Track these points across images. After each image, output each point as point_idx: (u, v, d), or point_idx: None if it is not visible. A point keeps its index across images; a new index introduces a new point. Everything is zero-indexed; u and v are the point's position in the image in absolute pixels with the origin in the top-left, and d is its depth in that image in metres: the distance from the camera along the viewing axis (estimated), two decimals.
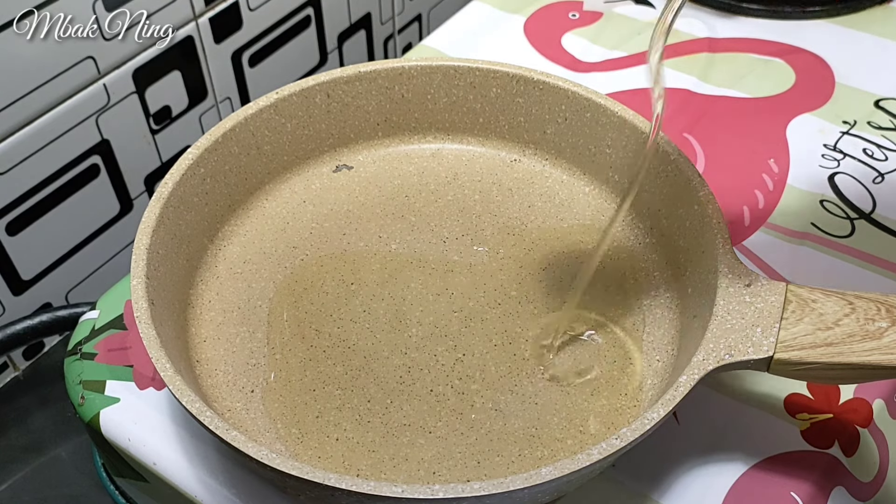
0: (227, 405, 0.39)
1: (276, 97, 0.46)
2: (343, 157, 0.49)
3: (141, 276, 0.38)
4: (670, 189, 0.43)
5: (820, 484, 0.40)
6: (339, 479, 0.32)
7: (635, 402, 0.39)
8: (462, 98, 0.49)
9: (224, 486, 0.40)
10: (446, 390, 0.39)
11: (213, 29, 0.62)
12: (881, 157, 0.54)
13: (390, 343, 0.41)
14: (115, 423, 0.43)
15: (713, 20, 0.64)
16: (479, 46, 0.62)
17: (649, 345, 0.41)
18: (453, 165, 0.49)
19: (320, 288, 0.43)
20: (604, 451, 0.33)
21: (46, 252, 0.60)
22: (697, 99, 0.58)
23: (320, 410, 0.39)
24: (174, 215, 0.42)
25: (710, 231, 0.40)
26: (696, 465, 0.40)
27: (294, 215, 0.47)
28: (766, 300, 0.37)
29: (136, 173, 0.63)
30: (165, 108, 0.62)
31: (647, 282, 0.43)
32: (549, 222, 0.46)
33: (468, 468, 0.37)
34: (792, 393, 0.42)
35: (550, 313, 0.43)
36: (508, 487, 0.32)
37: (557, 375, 0.40)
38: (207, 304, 0.43)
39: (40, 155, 0.55)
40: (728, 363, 0.35)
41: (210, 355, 0.41)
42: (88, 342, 0.46)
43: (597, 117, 0.46)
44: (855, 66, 0.59)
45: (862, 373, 0.35)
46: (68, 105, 0.56)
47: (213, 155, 0.44)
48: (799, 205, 0.51)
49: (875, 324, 0.35)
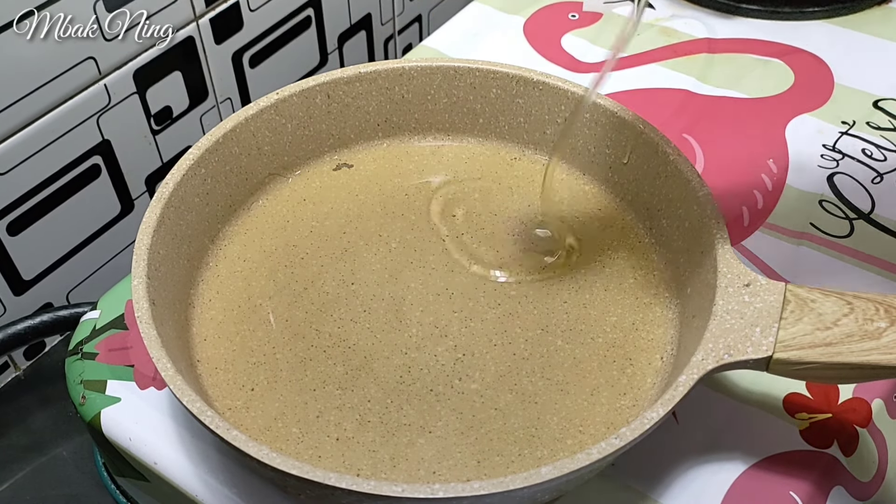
0: (227, 404, 0.39)
1: (277, 98, 0.46)
2: (343, 158, 0.49)
3: (142, 276, 0.38)
4: (669, 189, 0.43)
5: (819, 483, 0.40)
6: (340, 478, 0.32)
7: (634, 401, 0.39)
8: (462, 99, 0.49)
9: (225, 485, 0.40)
10: (446, 390, 0.40)
11: (213, 29, 0.62)
12: (880, 157, 0.54)
13: (390, 343, 0.41)
14: (116, 423, 0.43)
15: (712, 21, 0.64)
16: (479, 47, 0.62)
17: (648, 344, 0.41)
18: (453, 164, 0.49)
19: (320, 287, 0.44)
20: (603, 451, 0.33)
21: (47, 252, 0.60)
22: (697, 99, 0.58)
23: (321, 410, 0.39)
24: (175, 216, 0.42)
25: (709, 231, 0.40)
26: (696, 465, 0.40)
27: (294, 214, 0.47)
28: (765, 300, 0.37)
29: (137, 173, 0.63)
30: (166, 109, 0.62)
31: (646, 281, 0.43)
32: (549, 221, 0.46)
33: (468, 468, 0.37)
34: (791, 392, 0.42)
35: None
36: (508, 487, 0.32)
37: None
38: (208, 303, 0.43)
39: (41, 155, 0.56)
40: (727, 363, 0.36)
41: (210, 354, 0.41)
42: (89, 342, 0.46)
43: (596, 118, 0.46)
44: (854, 67, 0.59)
45: (861, 372, 0.36)
46: (69, 105, 0.56)
47: (213, 155, 0.44)
48: (798, 205, 0.51)
49: (874, 324, 0.35)
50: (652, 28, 0.63)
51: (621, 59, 0.61)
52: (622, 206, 0.46)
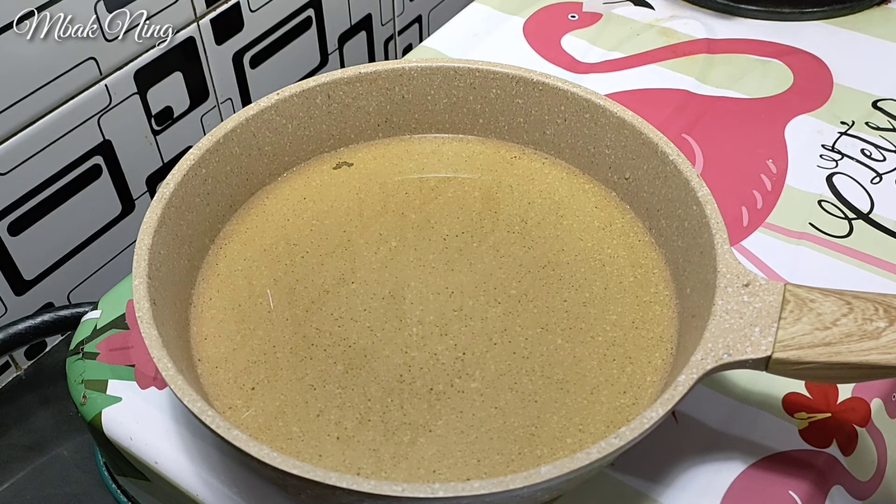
0: (228, 403, 0.39)
1: (277, 98, 0.46)
2: (344, 157, 0.49)
3: (143, 276, 0.38)
4: (669, 189, 0.43)
5: (818, 483, 0.40)
6: (340, 477, 0.32)
7: (634, 400, 0.39)
8: (462, 99, 0.49)
9: (225, 484, 0.41)
10: (446, 389, 0.40)
11: (214, 30, 0.63)
12: (879, 157, 0.54)
13: (390, 341, 0.41)
14: (117, 423, 0.43)
15: (711, 21, 0.64)
16: (479, 48, 0.62)
17: (648, 342, 0.41)
18: (453, 162, 0.49)
19: (320, 285, 0.44)
20: (603, 450, 0.33)
21: (48, 252, 0.60)
22: (696, 100, 0.58)
23: (321, 409, 0.39)
24: (176, 216, 0.42)
25: (709, 231, 0.40)
26: (695, 465, 0.40)
27: (294, 212, 0.47)
28: (764, 300, 0.37)
29: (138, 174, 0.63)
30: (167, 109, 0.63)
31: (645, 280, 0.43)
32: (549, 219, 0.46)
33: (468, 467, 0.37)
34: (790, 392, 0.42)
35: None
36: (508, 486, 0.32)
37: None
38: (208, 302, 0.43)
39: (42, 155, 0.56)
40: (726, 362, 0.36)
41: (211, 353, 0.41)
42: (90, 342, 0.46)
43: (596, 118, 0.46)
44: (853, 67, 0.60)
45: (860, 372, 0.35)
46: (70, 106, 0.56)
47: (214, 156, 0.44)
48: (797, 205, 0.51)
49: (873, 323, 0.35)
50: (651, 29, 0.63)
51: (620, 60, 0.61)
52: (622, 205, 0.47)
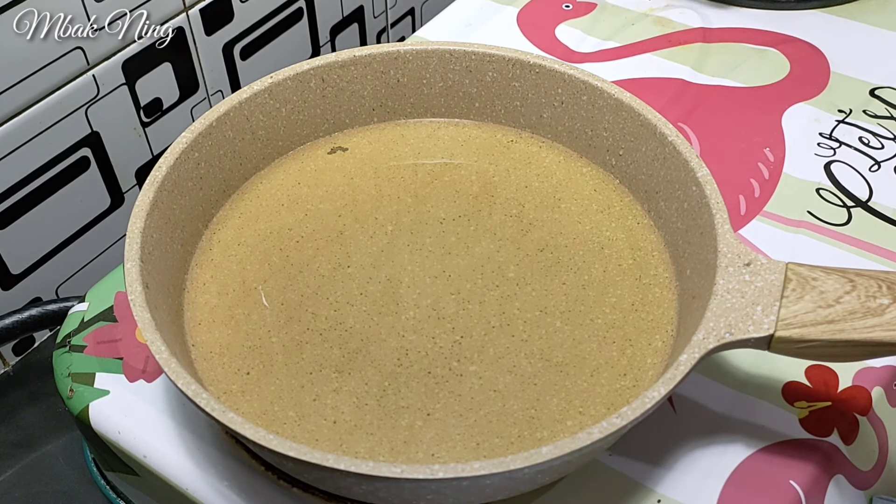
0: (223, 388, 0.38)
1: (271, 81, 0.46)
2: (338, 141, 0.49)
3: (135, 259, 0.38)
4: (668, 171, 0.43)
5: (819, 472, 0.40)
6: (338, 459, 0.31)
7: (635, 382, 0.39)
8: (458, 82, 0.48)
9: (216, 477, 0.40)
10: (444, 372, 0.39)
11: (203, 21, 0.62)
12: (877, 145, 0.54)
13: (387, 325, 0.41)
14: (105, 416, 0.42)
15: (707, 10, 0.64)
16: (472, 38, 0.62)
17: (648, 325, 0.41)
18: (449, 147, 0.49)
19: (316, 270, 0.43)
20: (604, 430, 0.32)
21: (36, 246, 0.59)
22: (692, 89, 0.57)
23: (317, 393, 0.38)
24: (168, 199, 0.41)
25: (709, 211, 0.39)
26: (695, 454, 0.40)
27: (289, 197, 0.46)
28: (765, 279, 0.36)
29: (127, 166, 0.62)
30: (156, 101, 0.62)
31: (645, 262, 0.43)
32: (547, 202, 0.46)
33: (467, 450, 0.37)
34: (790, 381, 0.42)
35: None
36: (509, 467, 0.31)
37: None
38: (202, 287, 0.42)
39: (29, 147, 0.55)
40: (728, 342, 0.35)
41: (205, 338, 0.40)
42: (77, 334, 0.45)
43: (593, 100, 0.46)
44: (850, 55, 0.59)
45: (864, 350, 0.35)
46: (57, 96, 0.55)
47: (207, 139, 0.44)
48: (795, 193, 0.51)
49: (876, 300, 0.35)
50: (647, 18, 0.63)
51: (615, 50, 0.61)
52: (620, 187, 0.46)
